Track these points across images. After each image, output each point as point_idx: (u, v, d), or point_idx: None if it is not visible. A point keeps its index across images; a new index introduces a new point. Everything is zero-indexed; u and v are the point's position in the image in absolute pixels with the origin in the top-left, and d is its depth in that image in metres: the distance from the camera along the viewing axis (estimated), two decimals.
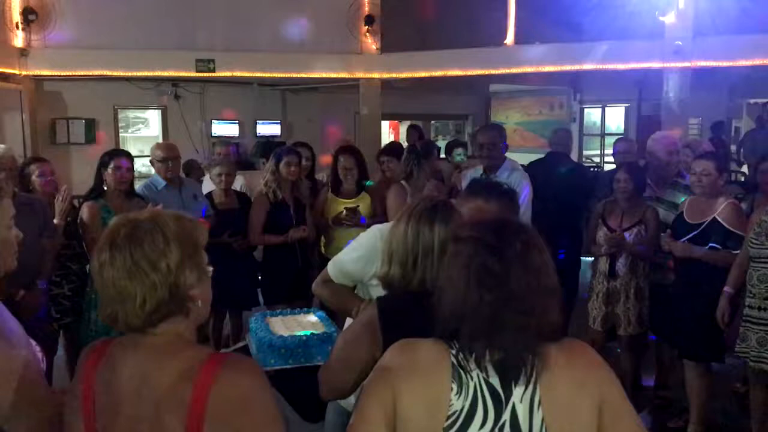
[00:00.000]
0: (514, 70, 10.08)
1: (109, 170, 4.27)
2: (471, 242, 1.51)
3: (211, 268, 1.60)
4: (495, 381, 1.46)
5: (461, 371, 1.46)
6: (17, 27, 8.84)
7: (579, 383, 1.48)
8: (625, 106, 14.81)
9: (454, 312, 1.47)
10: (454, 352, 1.47)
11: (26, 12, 8.82)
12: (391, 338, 1.64)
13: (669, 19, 8.94)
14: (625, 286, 4.44)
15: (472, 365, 1.46)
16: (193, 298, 1.54)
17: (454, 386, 1.45)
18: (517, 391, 1.46)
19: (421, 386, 1.47)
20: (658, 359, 4.83)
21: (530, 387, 1.46)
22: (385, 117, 11.86)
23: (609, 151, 14.53)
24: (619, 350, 4.62)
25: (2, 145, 4.45)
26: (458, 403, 1.45)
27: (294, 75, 10.25)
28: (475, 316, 1.45)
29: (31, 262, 3.92)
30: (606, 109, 15.21)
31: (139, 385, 1.49)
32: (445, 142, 10.80)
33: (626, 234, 4.40)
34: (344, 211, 4.79)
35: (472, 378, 1.46)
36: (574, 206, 5.44)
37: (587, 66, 9.87)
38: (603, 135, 15.03)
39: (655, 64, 9.17)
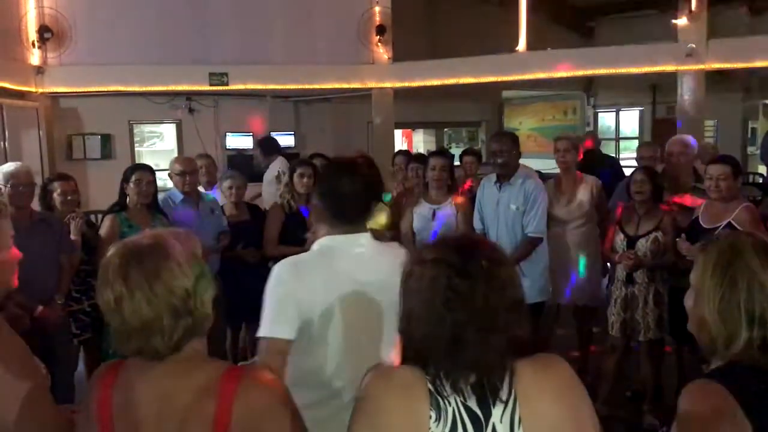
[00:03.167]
0: (526, 77, 10.05)
1: (131, 184, 4.30)
2: (436, 264, 1.47)
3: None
4: (473, 403, 1.43)
5: (438, 397, 1.43)
6: (33, 45, 8.95)
7: (557, 396, 1.46)
8: (639, 110, 14.75)
9: (423, 336, 1.45)
10: (429, 378, 1.44)
11: (42, 30, 8.93)
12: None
13: (682, 21, 8.90)
14: (644, 292, 4.39)
15: (449, 390, 1.43)
16: (210, 317, 1.55)
17: (433, 413, 1.42)
18: (497, 412, 1.43)
19: (398, 414, 1.43)
20: (679, 365, 4.78)
21: (509, 406, 1.43)
22: (398, 126, 11.87)
23: (624, 155, 14.55)
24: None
25: (18, 162, 4.48)
26: (437, 431, 1.41)
27: (307, 86, 10.30)
28: (439, 338, 1.43)
29: (48, 278, 3.96)
30: (620, 113, 15.15)
31: (160, 404, 1.49)
32: (459, 149, 10.80)
33: (642, 239, 4.35)
34: None
35: (449, 403, 1.42)
36: None
37: (600, 71, 9.84)
38: (617, 139, 14.99)
39: (669, 68, 9.13)
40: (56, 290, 4.01)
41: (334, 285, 2.12)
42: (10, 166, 4.14)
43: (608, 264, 4.94)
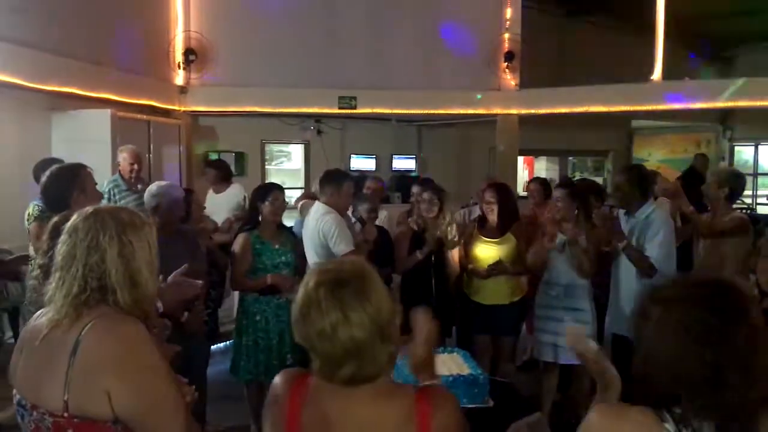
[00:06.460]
0: (660, 107, 9.69)
1: (266, 203, 4.47)
2: (685, 302, 1.41)
3: None
4: None
5: None
6: (179, 66, 9.57)
7: None
8: None
9: (672, 377, 1.38)
10: (668, 425, 1.38)
11: (188, 53, 9.54)
12: None
13: None
14: None
15: None
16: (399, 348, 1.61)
17: None
18: None
19: None
20: None
21: None
22: (522, 152, 11.73)
23: (762, 191, 13.69)
24: None
25: (168, 183, 4.62)
26: None
27: (433, 112, 10.40)
28: (695, 378, 1.36)
29: None
30: (759, 147, 14.31)
31: (359, 430, 1.55)
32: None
33: None
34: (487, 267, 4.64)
35: None
36: None
37: (741, 103, 9.34)
38: (756, 174, 14.11)
39: None
40: (196, 297, 4.23)
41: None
42: (161, 187, 4.35)
43: None
